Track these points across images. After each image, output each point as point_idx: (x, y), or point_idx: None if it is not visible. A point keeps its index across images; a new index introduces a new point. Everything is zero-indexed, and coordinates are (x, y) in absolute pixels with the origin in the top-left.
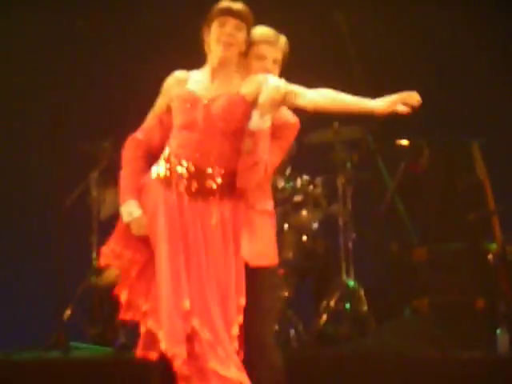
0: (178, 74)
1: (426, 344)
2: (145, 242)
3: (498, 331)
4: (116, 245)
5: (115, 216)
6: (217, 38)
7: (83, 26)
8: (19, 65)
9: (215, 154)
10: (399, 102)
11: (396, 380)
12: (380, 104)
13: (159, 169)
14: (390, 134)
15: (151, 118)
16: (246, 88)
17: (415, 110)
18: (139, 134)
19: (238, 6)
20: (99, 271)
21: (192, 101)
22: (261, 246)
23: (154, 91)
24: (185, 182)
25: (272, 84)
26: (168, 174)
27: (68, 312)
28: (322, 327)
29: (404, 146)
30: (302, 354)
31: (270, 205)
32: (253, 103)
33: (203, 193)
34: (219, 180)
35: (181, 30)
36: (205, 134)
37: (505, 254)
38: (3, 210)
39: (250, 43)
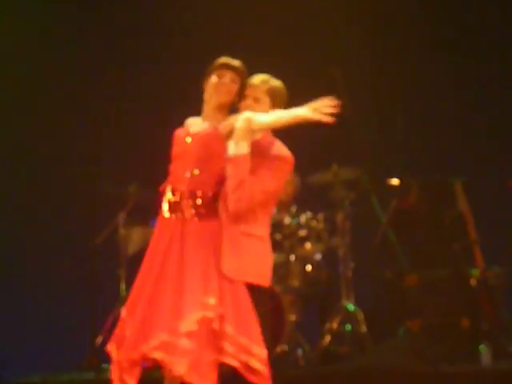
0: (188, 120)
1: (418, 360)
2: None
3: (481, 347)
4: None
5: (141, 252)
6: (215, 86)
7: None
8: (51, 117)
9: (194, 179)
10: (315, 109)
11: None
12: (303, 113)
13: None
14: (383, 175)
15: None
16: (224, 123)
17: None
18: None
19: (235, 62)
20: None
21: (182, 135)
22: (240, 263)
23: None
24: (169, 205)
25: (241, 116)
26: (164, 202)
27: (100, 338)
28: (325, 347)
29: (395, 185)
30: (309, 371)
31: (260, 231)
32: (228, 135)
33: (182, 213)
34: (199, 201)
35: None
36: (183, 161)
37: (486, 279)
38: (42, 247)
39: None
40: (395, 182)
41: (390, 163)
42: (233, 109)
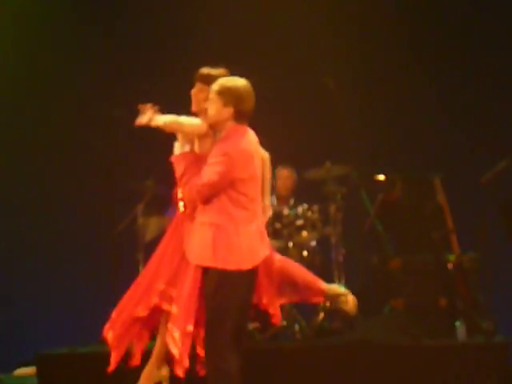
0: None
1: (402, 334)
2: None
3: (457, 323)
4: None
5: (157, 239)
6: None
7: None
8: (81, 117)
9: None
10: None
11: (378, 363)
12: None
13: None
14: (370, 171)
15: None
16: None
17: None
18: None
19: (202, 70)
20: None
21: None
22: (193, 249)
23: None
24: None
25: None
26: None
27: None
28: (319, 323)
29: (381, 180)
30: (305, 344)
31: (214, 218)
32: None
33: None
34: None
35: None
36: None
37: (461, 263)
38: (72, 235)
39: None
40: (381, 177)
41: (376, 161)
42: None
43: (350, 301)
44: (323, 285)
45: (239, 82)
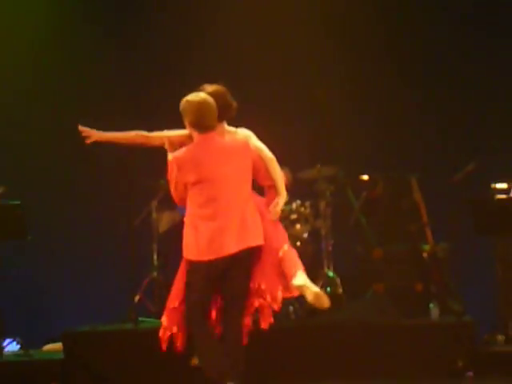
0: None
1: (382, 314)
2: None
3: (431, 305)
4: None
5: (170, 231)
6: None
7: None
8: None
9: None
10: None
11: (361, 339)
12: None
13: None
14: (355, 172)
15: None
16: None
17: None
18: None
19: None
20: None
21: None
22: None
23: None
24: None
25: None
26: None
27: (137, 297)
28: (311, 305)
29: (365, 180)
30: (298, 324)
31: (186, 216)
32: None
33: None
34: None
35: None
36: None
37: (435, 252)
38: (97, 227)
39: None
40: (365, 177)
41: (361, 163)
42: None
43: (316, 296)
44: (294, 281)
45: (196, 97)
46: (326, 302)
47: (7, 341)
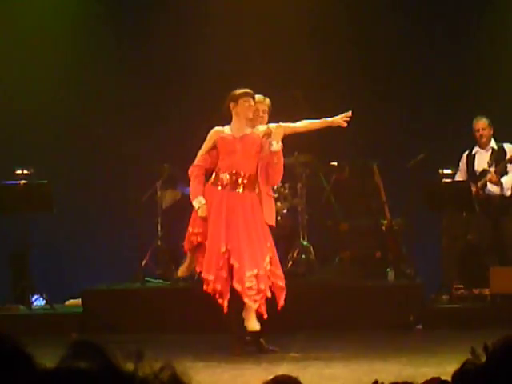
0: (217, 128)
1: (348, 277)
2: (206, 223)
3: (388, 269)
4: (192, 226)
5: (172, 207)
6: (246, 109)
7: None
8: (116, 114)
9: (243, 167)
10: (340, 119)
11: (329, 297)
12: (331, 120)
13: (212, 178)
14: (327, 159)
15: (202, 154)
16: (258, 131)
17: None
18: (198, 163)
19: (250, 91)
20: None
21: (231, 139)
22: (270, 214)
23: (197, 130)
24: (226, 182)
25: (275, 125)
26: (216, 180)
27: (144, 261)
28: (289, 269)
29: (334, 165)
30: None
31: (271, 191)
32: (263, 138)
33: (235, 187)
34: (245, 181)
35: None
36: (237, 156)
37: (392, 226)
38: (110, 203)
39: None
40: (334, 163)
41: (331, 151)
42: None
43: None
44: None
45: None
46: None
47: (35, 297)
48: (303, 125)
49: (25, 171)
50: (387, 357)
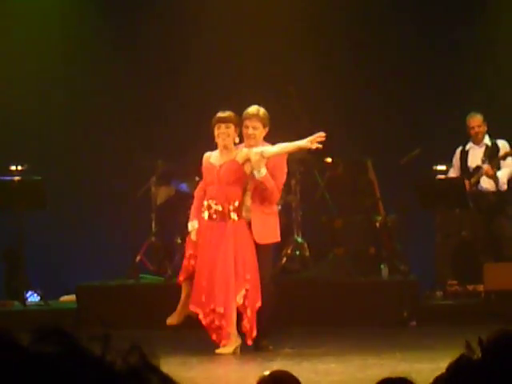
0: (206, 154)
1: (342, 273)
2: (197, 246)
3: (382, 266)
4: (186, 248)
5: (165, 203)
6: (216, 137)
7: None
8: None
9: (226, 195)
10: (311, 141)
11: (324, 293)
12: (301, 143)
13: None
14: (321, 155)
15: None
16: (238, 157)
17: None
18: (201, 184)
19: (225, 114)
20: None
21: (211, 168)
22: (266, 233)
23: (191, 127)
24: (209, 211)
25: (254, 151)
26: (205, 209)
27: (138, 257)
28: (283, 265)
29: (328, 162)
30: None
31: (274, 209)
32: (243, 164)
33: (217, 218)
34: (227, 210)
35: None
36: (217, 185)
37: (386, 222)
38: (104, 199)
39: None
40: (329, 160)
41: (325, 148)
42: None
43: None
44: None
45: (265, 110)
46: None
47: (29, 293)
48: (279, 150)
49: (19, 167)
50: (381, 353)
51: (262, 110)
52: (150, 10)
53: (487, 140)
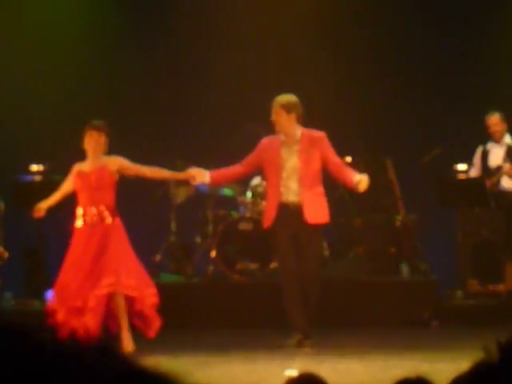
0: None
1: (362, 272)
2: None
3: (402, 265)
4: None
5: (184, 202)
6: (85, 144)
7: None
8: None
9: (99, 199)
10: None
11: (344, 293)
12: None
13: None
14: (340, 155)
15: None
16: (110, 164)
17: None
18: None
19: (96, 122)
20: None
21: (82, 175)
22: (318, 213)
23: (210, 127)
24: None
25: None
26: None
27: (158, 256)
28: None
29: (348, 161)
30: None
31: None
32: (116, 171)
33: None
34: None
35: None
36: (88, 191)
37: (406, 222)
38: (123, 199)
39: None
40: (348, 159)
41: (345, 148)
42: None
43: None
44: None
45: (293, 97)
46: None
47: (49, 292)
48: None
49: (39, 167)
50: (402, 353)
51: (285, 97)
52: (173, 11)
53: (508, 139)
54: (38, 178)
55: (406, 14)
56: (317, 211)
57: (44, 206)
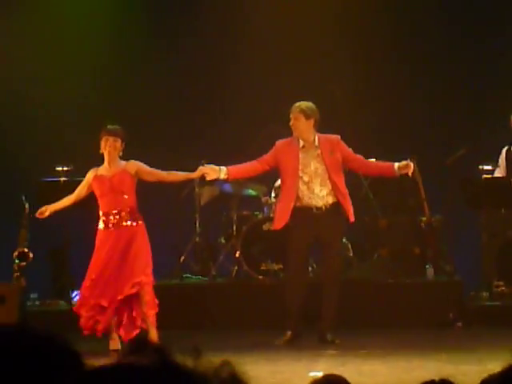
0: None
1: (386, 274)
2: None
3: (427, 266)
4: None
5: (209, 203)
6: (102, 149)
7: None
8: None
9: (121, 203)
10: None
11: (368, 294)
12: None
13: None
14: (365, 156)
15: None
16: (128, 167)
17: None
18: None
19: (112, 127)
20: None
21: (101, 180)
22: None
23: (234, 128)
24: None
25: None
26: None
27: (182, 257)
28: None
29: None
30: (315, 281)
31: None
32: (135, 175)
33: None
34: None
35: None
36: (112, 194)
37: (431, 223)
38: (148, 200)
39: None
40: (373, 160)
41: (369, 148)
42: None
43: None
44: None
45: (310, 103)
46: None
47: (75, 292)
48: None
49: (65, 168)
50: (426, 354)
51: (304, 103)
52: (199, 12)
53: None
54: (62, 179)
55: (430, 14)
56: (341, 213)
57: (51, 208)
